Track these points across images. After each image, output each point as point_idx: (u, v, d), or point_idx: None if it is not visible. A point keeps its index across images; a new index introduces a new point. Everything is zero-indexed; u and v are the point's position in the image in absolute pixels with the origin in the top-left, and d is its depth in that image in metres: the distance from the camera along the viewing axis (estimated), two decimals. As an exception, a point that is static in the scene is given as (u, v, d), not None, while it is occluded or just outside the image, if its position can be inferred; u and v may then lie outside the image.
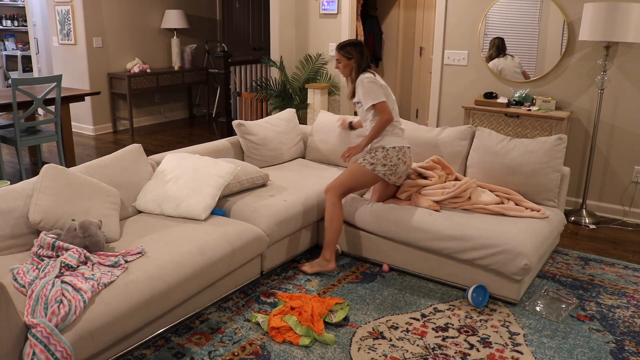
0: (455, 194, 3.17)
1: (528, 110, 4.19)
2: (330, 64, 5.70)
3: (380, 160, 3.16)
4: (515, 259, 2.77)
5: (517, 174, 3.31)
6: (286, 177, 3.67)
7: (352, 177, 3.19)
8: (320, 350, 2.48)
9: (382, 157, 3.16)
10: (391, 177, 3.22)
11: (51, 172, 2.66)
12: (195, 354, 2.45)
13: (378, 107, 3.13)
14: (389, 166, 3.17)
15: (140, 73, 7.07)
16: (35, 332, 1.93)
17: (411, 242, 3.10)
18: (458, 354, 2.48)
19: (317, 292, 3.01)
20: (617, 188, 4.25)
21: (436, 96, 4.96)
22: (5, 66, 9.20)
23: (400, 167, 3.21)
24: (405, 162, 3.23)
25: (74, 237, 2.46)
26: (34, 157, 5.68)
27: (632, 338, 2.64)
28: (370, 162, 3.17)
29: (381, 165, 3.16)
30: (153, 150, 5.70)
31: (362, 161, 3.20)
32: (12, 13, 9.08)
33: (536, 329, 2.69)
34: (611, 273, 3.32)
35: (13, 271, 2.29)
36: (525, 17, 4.39)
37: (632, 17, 3.66)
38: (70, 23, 6.76)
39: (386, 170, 3.18)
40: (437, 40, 4.85)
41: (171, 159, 3.20)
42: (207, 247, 2.64)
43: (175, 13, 7.43)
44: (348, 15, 5.45)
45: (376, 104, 3.12)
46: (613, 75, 4.06)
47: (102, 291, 2.20)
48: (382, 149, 3.18)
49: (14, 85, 4.35)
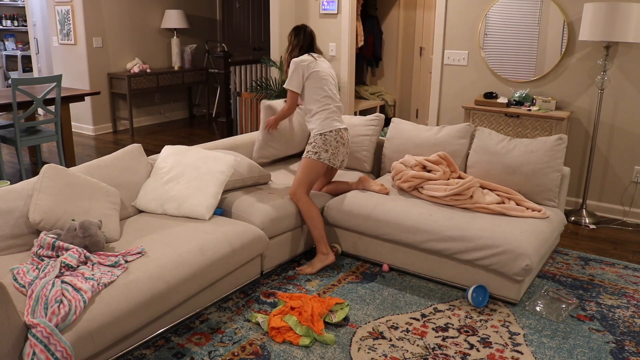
0: (458, 191, 3.17)
1: (528, 110, 4.20)
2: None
3: (322, 147, 3.24)
4: (516, 260, 2.77)
5: (517, 174, 3.31)
6: (287, 176, 3.67)
7: (306, 172, 3.26)
8: (320, 350, 2.48)
9: (322, 144, 3.24)
10: (334, 161, 3.31)
11: (51, 172, 2.66)
12: (195, 354, 2.45)
13: (288, 94, 3.32)
14: (331, 151, 3.25)
15: (140, 73, 7.07)
16: (35, 332, 1.93)
17: (412, 243, 3.10)
18: (458, 354, 2.48)
19: (317, 292, 3.01)
20: (617, 188, 4.25)
21: (436, 96, 4.96)
22: (5, 66, 9.20)
23: (340, 149, 3.29)
24: (343, 143, 3.32)
25: (74, 237, 2.46)
26: (34, 157, 5.68)
27: (632, 338, 2.64)
28: (313, 152, 3.25)
29: (324, 152, 3.24)
30: (153, 150, 5.70)
31: (306, 154, 3.28)
32: (12, 13, 9.09)
33: (536, 329, 2.69)
34: (611, 273, 3.32)
35: (13, 271, 2.29)
36: (525, 17, 4.39)
37: (632, 17, 3.66)
38: (70, 23, 6.76)
39: (329, 155, 3.26)
40: (437, 40, 4.85)
41: (170, 154, 3.19)
42: (207, 247, 2.64)
43: (175, 13, 7.43)
44: (348, 15, 5.45)
45: (288, 90, 3.29)
46: (613, 75, 4.06)
47: (102, 291, 2.20)
48: (319, 135, 3.26)
49: (14, 85, 4.35)
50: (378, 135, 3.92)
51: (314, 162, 3.25)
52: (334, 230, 3.43)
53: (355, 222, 3.29)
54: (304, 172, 3.26)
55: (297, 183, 3.25)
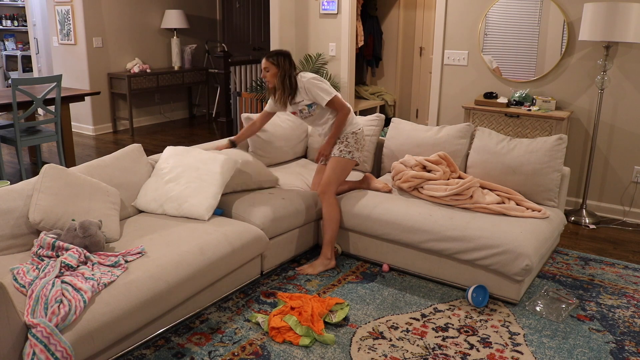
0: (458, 191, 3.17)
1: (528, 110, 4.19)
2: (331, 64, 5.70)
3: (354, 146, 3.30)
4: (516, 260, 2.77)
5: (517, 174, 3.31)
6: (287, 176, 3.67)
7: (338, 171, 3.28)
8: (320, 350, 2.48)
9: (354, 142, 3.30)
10: (360, 158, 3.39)
11: (51, 172, 2.66)
12: (195, 354, 2.45)
13: (336, 101, 3.22)
14: (360, 148, 3.33)
15: (140, 73, 7.07)
16: (35, 332, 1.93)
17: (412, 243, 3.10)
18: (458, 354, 2.48)
19: (317, 292, 3.01)
20: (617, 188, 4.25)
21: (436, 96, 4.96)
22: (5, 66, 9.20)
23: (365, 146, 3.44)
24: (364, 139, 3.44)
25: (74, 237, 2.46)
26: (34, 157, 5.68)
27: (632, 338, 2.64)
28: (347, 151, 3.28)
29: (356, 150, 3.31)
30: (153, 150, 5.70)
31: (339, 153, 3.28)
32: (12, 13, 9.09)
33: (536, 329, 2.69)
34: (611, 273, 3.32)
35: (13, 271, 2.29)
36: (525, 17, 4.39)
37: (632, 17, 3.66)
38: (70, 23, 6.77)
39: (360, 154, 3.35)
40: (437, 40, 4.84)
41: (171, 155, 3.19)
42: (207, 247, 2.64)
43: (175, 13, 7.43)
44: (348, 15, 5.45)
45: (332, 98, 3.21)
46: (613, 75, 4.06)
47: (102, 291, 2.20)
48: (352, 134, 3.30)
49: (14, 85, 4.35)
50: (378, 135, 3.92)
51: (347, 162, 3.28)
52: (334, 230, 3.43)
53: (355, 222, 3.29)
54: (336, 172, 3.27)
55: (329, 182, 3.24)
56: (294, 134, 4.03)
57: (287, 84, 3.22)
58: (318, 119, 3.35)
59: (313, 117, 3.35)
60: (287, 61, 3.23)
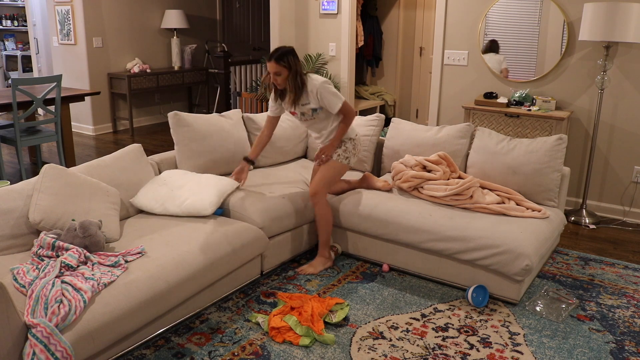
0: (458, 191, 3.17)
1: (528, 110, 4.19)
2: (331, 64, 5.70)
3: (352, 152, 3.30)
4: (516, 260, 2.77)
5: (517, 174, 3.31)
6: (288, 176, 3.67)
7: (332, 174, 3.27)
8: (320, 350, 2.48)
9: (352, 148, 3.30)
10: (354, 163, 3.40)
11: (51, 172, 2.66)
12: (195, 354, 2.45)
13: (346, 107, 3.16)
14: (356, 154, 3.34)
15: (140, 73, 7.06)
16: (35, 332, 1.93)
17: (412, 243, 3.10)
18: (458, 354, 2.48)
19: (317, 292, 3.01)
20: (617, 188, 4.25)
21: (436, 96, 4.96)
22: (5, 66, 9.20)
23: (360, 152, 3.42)
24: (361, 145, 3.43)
25: (74, 237, 2.46)
26: (34, 157, 5.68)
27: (632, 338, 2.64)
28: (345, 156, 3.27)
29: (353, 156, 3.31)
30: (153, 150, 5.70)
31: (337, 157, 3.26)
32: (12, 13, 9.09)
33: (536, 329, 2.69)
34: (611, 273, 3.32)
35: (13, 271, 2.29)
36: (525, 17, 4.39)
37: (632, 17, 3.66)
38: (70, 23, 6.76)
39: (355, 159, 3.36)
40: (437, 40, 4.84)
41: (172, 174, 3.23)
42: (207, 247, 2.64)
43: (175, 13, 7.43)
44: (348, 15, 5.45)
45: (342, 104, 3.12)
46: (613, 75, 4.06)
47: (102, 291, 2.20)
48: (349, 140, 3.29)
49: (14, 85, 4.35)
50: (378, 135, 3.92)
51: (342, 166, 3.28)
52: (334, 230, 3.43)
53: (355, 222, 3.29)
54: (328, 174, 3.24)
55: (322, 185, 3.22)
56: (294, 134, 4.04)
57: (298, 84, 3.09)
58: (318, 123, 3.25)
59: (314, 121, 3.25)
60: (295, 59, 3.09)
